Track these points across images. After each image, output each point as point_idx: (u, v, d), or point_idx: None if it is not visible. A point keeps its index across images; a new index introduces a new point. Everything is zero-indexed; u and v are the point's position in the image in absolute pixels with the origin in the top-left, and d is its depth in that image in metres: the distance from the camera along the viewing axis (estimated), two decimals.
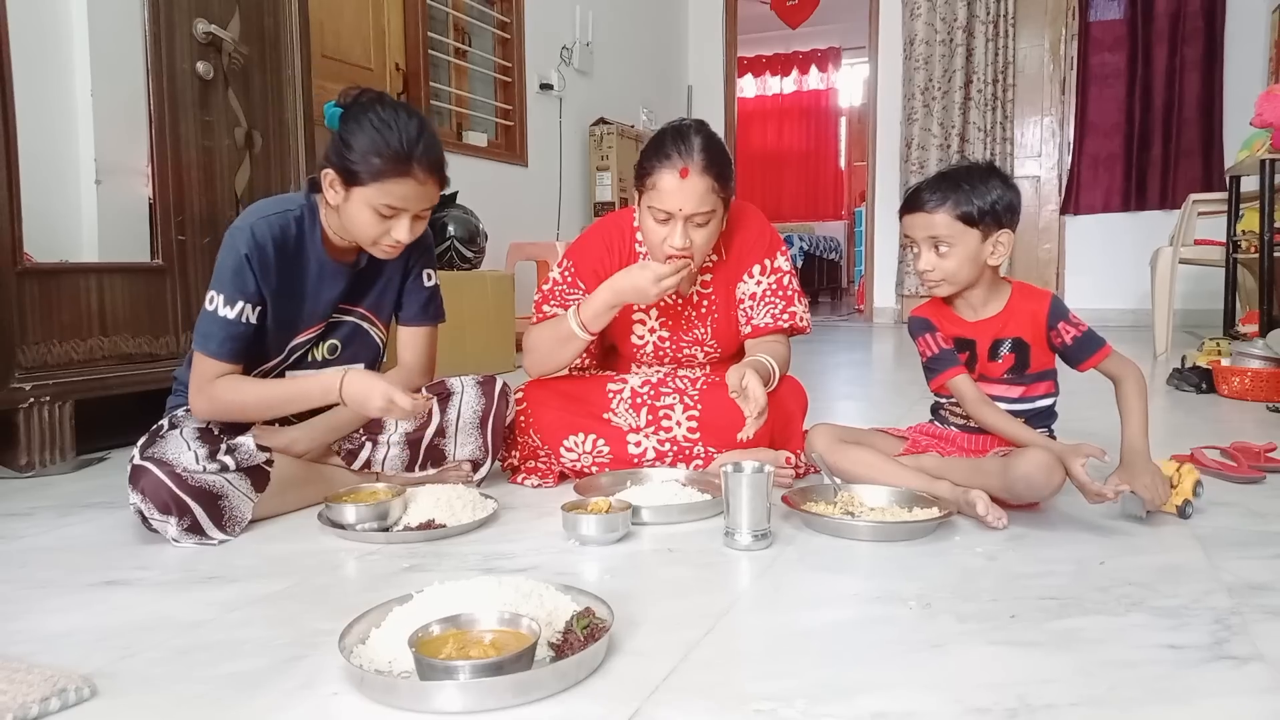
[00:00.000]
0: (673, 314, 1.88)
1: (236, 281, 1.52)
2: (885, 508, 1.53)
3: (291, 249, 1.58)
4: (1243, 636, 1.05)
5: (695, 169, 1.62)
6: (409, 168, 1.49)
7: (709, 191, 1.64)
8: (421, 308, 1.77)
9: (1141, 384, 1.58)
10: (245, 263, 1.51)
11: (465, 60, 4.64)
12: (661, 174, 1.63)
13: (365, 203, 1.50)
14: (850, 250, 9.77)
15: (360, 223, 1.53)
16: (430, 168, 1.52)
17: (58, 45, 2.12)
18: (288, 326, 1.62)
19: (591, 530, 1.42)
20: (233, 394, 1.54)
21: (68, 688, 0.90)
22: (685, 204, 1.63)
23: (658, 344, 1.89)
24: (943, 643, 1.04)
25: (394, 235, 1.54)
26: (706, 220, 1.67)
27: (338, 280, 1.64)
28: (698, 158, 1.63)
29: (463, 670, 0.89)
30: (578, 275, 1.85)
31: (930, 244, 1.61)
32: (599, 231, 1.91)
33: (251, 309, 1.53)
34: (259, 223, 1.54)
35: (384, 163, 1.47)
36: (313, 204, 1.61)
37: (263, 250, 1.53)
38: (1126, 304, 5.84)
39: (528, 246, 4.46)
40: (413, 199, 1.52)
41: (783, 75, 10.58)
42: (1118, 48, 5.86)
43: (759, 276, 1.86)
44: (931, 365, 1.67)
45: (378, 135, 1.47)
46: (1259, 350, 2.92)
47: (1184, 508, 1.48)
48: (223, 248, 1.55)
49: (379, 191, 1.49)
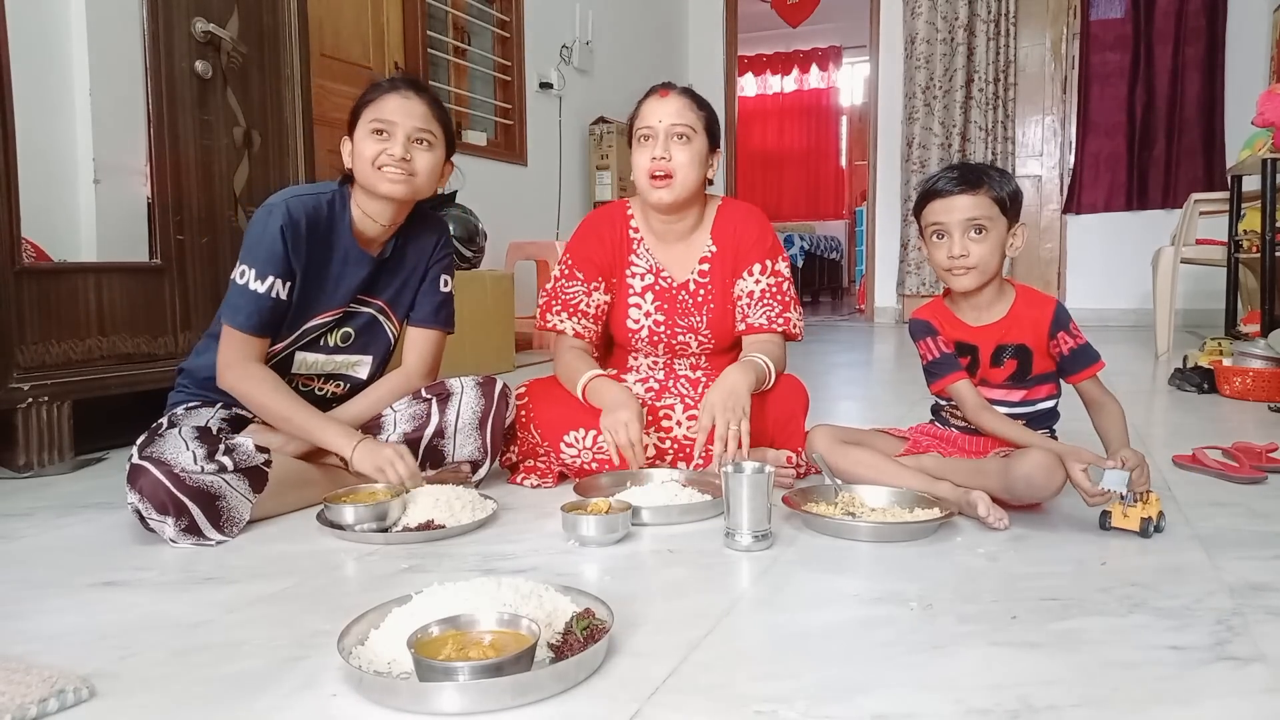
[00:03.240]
0: (668, 298, 1.90)
1: (270, 255, 1.56)
2: (886, 508, 1.53)
3: (323, 230, 1.63)
4: (1244, 637, 1.04)
5: (674, 91, 1.82)
6: (393, 86, 1.65)
7: (686, 108, 1.79)
8: (434, 310, 1.80)
9: (1123, 413, 1.58)
10: (280, 236, 1.56)
11: (465, 59, 4.64)
12: (645, 103, 1.82)
13: (363, 133, 1.62)
14: (851, 250, 9.78)
15: (362, 154, 1.61)
16: (411, 85, 1.66)
17: (56, 44, 2.12)
18: (306, 307, 1.65)
19: (591, 531, 1.41)
20: (260, 391, 1.58)
21: (66, 688, 0.90)
22: (664, 115, 1.78)
23: (653, 328, 1.90)
24: (944, 644, 1.04)
25: (389, 151, 1.60)
26: (686, 138, 1.78)
27: (361, 268, 1.69)
28: (677, 86, 1.84)
29: (462, 671, 0.88)
30: (574, 266, 1.90)
31: (966, 228, 1.56)
32: (591, 223, 1.96)
33: (282, 284, 1.57)
34: (294, 200, 1.60)
35: (371, 92, 1.65)
36: (344, 192, 1.67)
37: (297, 226, 1.58)
38: (1128, 304, 5.84)
39: (527, 246, 4.45)
40: (399, 112, 1.61)
41: (783, 74, 10.58)
42: (1119, 47, 5.86)
43: (758, 276, 1.87)
44: (932, 369, 1.67)
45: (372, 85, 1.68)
46: (1260, 350, 2.92)
47: (1146, 525, 1.42)
48: (254, 223, 1.59)
49: (369, 114, 1.62)
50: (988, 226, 1.57)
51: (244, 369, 1.58)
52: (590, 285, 1.87)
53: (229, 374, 1.59)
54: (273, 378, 1.61)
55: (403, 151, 1.60)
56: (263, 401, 1.59)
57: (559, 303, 1.88)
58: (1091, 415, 1.61)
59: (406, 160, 1.61)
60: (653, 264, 1.90)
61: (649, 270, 1.90)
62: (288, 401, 1.60)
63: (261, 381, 1.58)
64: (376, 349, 1.78)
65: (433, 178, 1.67)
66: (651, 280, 1.90)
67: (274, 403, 1.59)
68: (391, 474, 1.55)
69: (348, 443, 1.59)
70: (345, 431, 1.61)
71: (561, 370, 1.85)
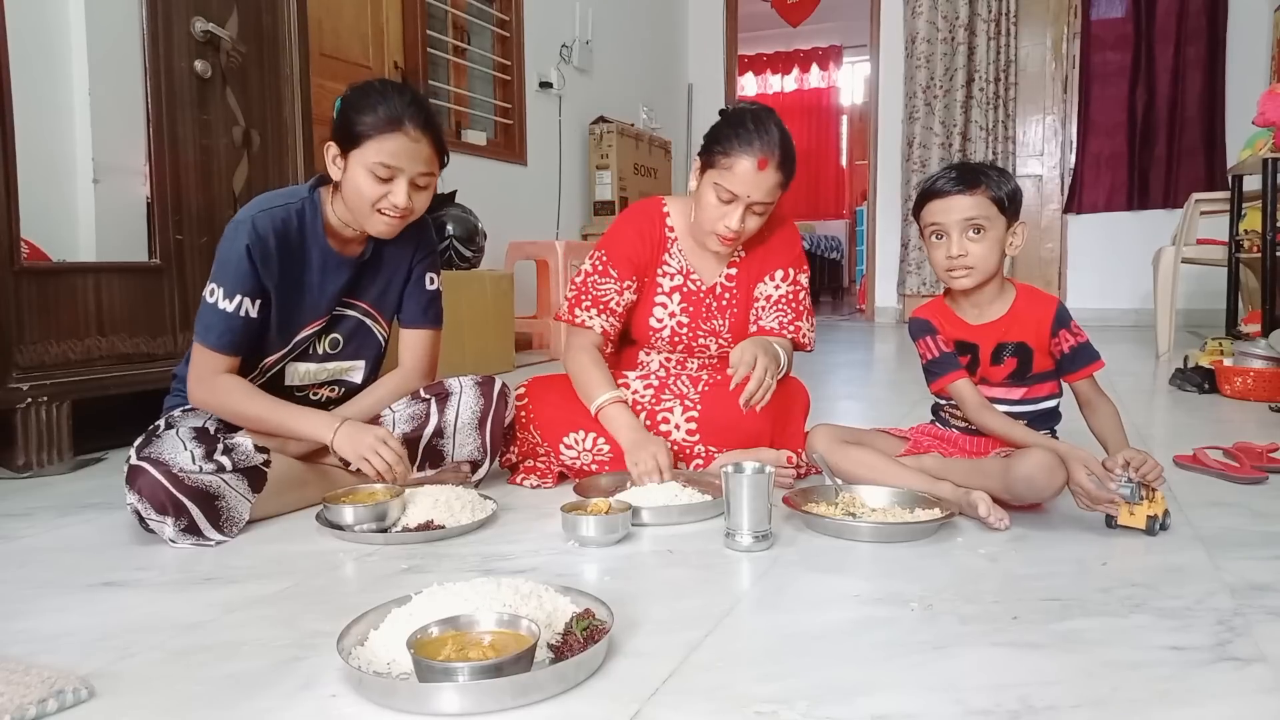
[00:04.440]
0: (695, 300, 1.89)
1: (237, 275, 1.53)
2: (887, 509, 1.53)
3: (294, 241, 1.59)
4: (1245, 638, 1.04)
5: (773, 163, 1.68)
6: (400, 124, 1.52)
7: (777, 186, 1.72)
8: (422, 310, 1.78)
9: (1118, 412, 1.59)
10: (246, 255, 1.53)
11: (464, 58, 4.64)
12: (741, 158, 1.67)
13: (362, 166, 1.53)
14: (851, 249, 9.77)
15: (359, 189, 1.55)
16: (421, 125, 1.55)
17: (55, 44, 2.12)
18: (291, 319, 1.62)
19: (591, 531, 1.41)
20: (232, 400, 1.56)
21: (65, 689, 0.90)
22: (754, 192, 1.69)
23: (675, 329, 1.89)
24: (944, 644, 1.04)
25: (392, 199, 1.55)
26: (764, 211, 1.74)
27: (341, 272, 1.66)
28: (778, 152, 1.69)
29: (462, 672, 0.88)
30: (610, 263, 1.86)
31: (964, 228, 1.57)
32: (631, 220, 1.92)
33: (251, 302, 1.54)
34: (260, 216, 1.55)
35: (375, 119, 1.52)
36: (315, 197, 1.63)
37: (264, 243, 1.54)
38: (1129, 303, 5.84)
39: (527, 246, 4.45)
40: (406, 157, 1.54)
41: (784, 74, 10.57)
42: (1120, 46, 5.86)
43: (779, 282, 1.87)
44: (932, 368, 1.67)
45: (371, 99, 1.54)
46: (1261, 350, 2.92)
47: (1152, 523, 1.43)
48: (223, 240, 1.56)
49: (373, 150, 1.52)
50: (986, 226, 1.56)
51: (211, 383, 1.55)
52: (624, 284, 1.84)
53: (198, 389, 1.56)
54: (241, 384, 1.57)
55: (406, 201, 1.56)
56: (235, 409, 1.56)
57: (589, 298, 1.85)
58: (1085, 415, 1.61)
59: (409, 208, 1.58)
60: (684, 265, 1.89)
61: (679, 271, 1.89)
62: (260, 402, 1.57)
63: (230, 390, 1.55)
64: (367, 353, 1.75)
65: (424, 209, 1.65)
66: (681, 281, 1.89)
67: (247, 407, 1.56)
68: (377, 463, 1.52)
69: (328, 429, 1.55)
70: (323, 418, 1.57)
71: (575, 370, 1.81)
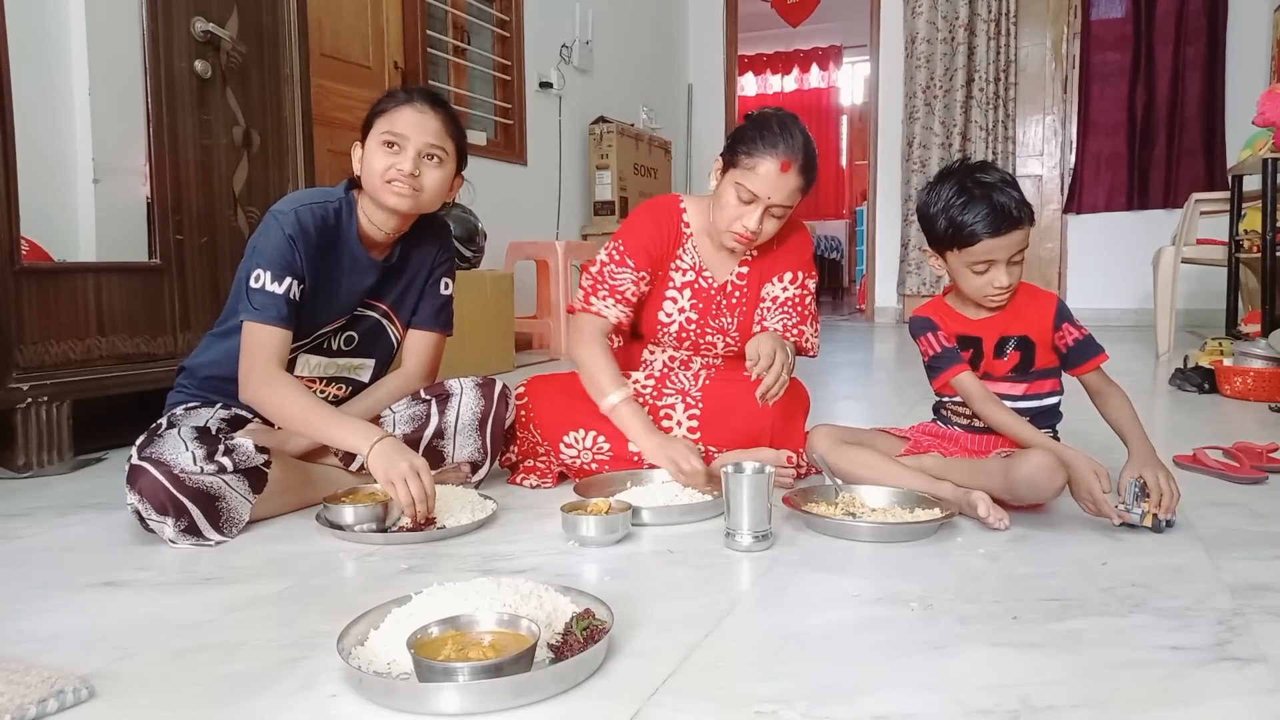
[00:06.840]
0: (705, 297, 1.89)
1: (284, 259, 1.56)
2: (887, 509, 1.53)
3: (330, 238, 1.63)
4: (1245, 638, 1.04)
5: (796, 166, 1.70)
6: (408, 100, 1.63)
7: (798, 190, 1.74)
8: (434, 313, 1.80)
9: (1129, 400, 1.59)
10: (291, 243, 1.56)
11: (464, 58, 4.64)
12: (764, 159, 1.69)
13: (374, 140, 1.62)
14: (851, 249, 9.77)
15: (371, 164, 1.61)
16: (427, 99, 1.64)
17: (56, 44, 2.11)
18: (315, 315, 1.65)
19: (591, 531, 1.41)
20: (280, 396, 1.53)
21: (65, 689, 0.90)
22: (775, 194, 1.71)
23: (684, 324, 1.89)
24: (944, 644, 1.04)
25: (399, 165, 1.59)
26: (782, 215, 1.75)
27: (368, 274, 1.69)
28: (801, 156, 1.70)
29: (462, 672, 0.88)
30: (626, 253, 1.85)
31: (1012, 258, 1.56)
32: (649, 211, 1.92)
33: (297, 286, 1.57)
34: (303, 209, 1.60)
35: (387, 101, 1.64)
36: (350, 199, 1.67)
37: (306, 235, 1.58)
38: (1129, 303, 5.84)
39: (527, 245, 4.45)
40: (411, 125, 1.60)
41: (784, 73, 10.57)
42: (1120, 46, 5.86)
43: (786, 284, 1.88)
44: (934, 364, 1.67)
45: (389, 94, 1.67)
46: (1261, 350, 2.92)
47: (1158, 522, 1.44)
48: (263, 230, 1.59)
49: (383, 123, 1.61)
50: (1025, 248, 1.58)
51: (265, 373, 1.52)
52: (639, 275, 1.84)
53: (252, 379, 1.53)
54: (293, 381, 1.57)
55: (412, 167, 1.59)
56: (281, 405, 1.53)
57: (605, 288, 1.84)
58: (1098, 405, 1.62)
59: (415, 176, 1.60)
60: (697, 261, 1.89)
61: (692, 267, 1.89)
62: (307, 402, 1.55)
63: (282, 385, 1.54)
64: (380, 352, 1.78)
65: (440, 193, 1.66)
66: (693, 278, 1.89)
67: (293, 404, 1.53)
68: (403, 492, 1.43)
69: (365, 441, 1.48)
70: (363, 430, 1.51)
71: (584, 359, 1.78)
